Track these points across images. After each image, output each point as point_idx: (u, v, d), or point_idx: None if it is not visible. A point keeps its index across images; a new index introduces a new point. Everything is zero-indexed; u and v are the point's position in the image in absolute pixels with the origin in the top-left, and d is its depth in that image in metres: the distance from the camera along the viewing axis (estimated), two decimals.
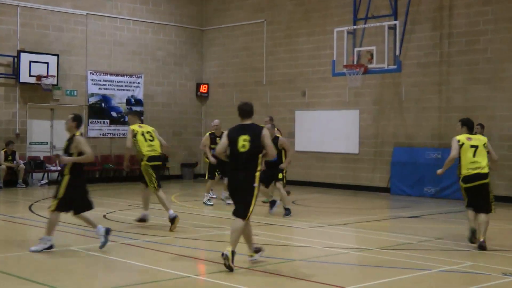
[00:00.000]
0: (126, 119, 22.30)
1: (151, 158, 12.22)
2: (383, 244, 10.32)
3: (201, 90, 24.23)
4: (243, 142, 8.32)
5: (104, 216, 13.15)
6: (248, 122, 8.53)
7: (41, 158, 20.36)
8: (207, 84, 24.26)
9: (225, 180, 13.94)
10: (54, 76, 20.07)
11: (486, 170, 9.97)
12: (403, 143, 18.98)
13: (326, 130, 20.62)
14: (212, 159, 14.64)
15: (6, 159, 19.00)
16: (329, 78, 20.03)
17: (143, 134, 12.05)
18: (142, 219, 12.18)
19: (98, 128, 21.56)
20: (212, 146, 14.78)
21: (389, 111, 19.34)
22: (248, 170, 8.29)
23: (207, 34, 24.44)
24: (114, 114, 22.00)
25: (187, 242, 10.32)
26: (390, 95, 19.30)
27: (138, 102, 22.69)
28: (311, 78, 21.16)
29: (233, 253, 8.15)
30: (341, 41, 17.78)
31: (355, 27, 18.29)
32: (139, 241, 10.32)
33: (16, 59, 19.61)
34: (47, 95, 20.45)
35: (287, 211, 13.37)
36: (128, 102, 22.46)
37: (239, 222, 8.31)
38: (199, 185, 21.22)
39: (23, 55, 19.61)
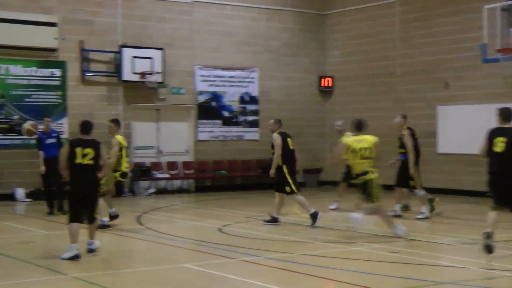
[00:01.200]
0: (240, 119, 22.65)
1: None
2: None
3: (323, 84, 24.19)
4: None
5: (220, 229, 13.38)
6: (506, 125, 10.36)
7: (147, 165, 21.03)
8: (331, 76, 24.18)
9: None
10: (159, 73, 20.65)
11: None
12: None
13: (475, 128, 19.95)
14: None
15: None
16: (479, 65, 19.44)
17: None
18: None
19: (209, 130, 22.00)
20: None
21: None
22: None
23: (328, 19, 24.38)
24: (225, 114, 22.39)
25: (314, 259, 10.32)
26: None
27: (253, 100, 22.97)
28: (455, 66, 20.61)
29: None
30: (492, 20, 17.21)
31: (510, 2, 17.62)
32: (260, 257, 10.43)
33: (118, 55, 20.37)
34: (152, 94, 21.10)
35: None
36: (242, 100, 22.77)
37: None
38: (324, 193, 21.16)
39: (125, 50, 20.34)
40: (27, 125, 10.85)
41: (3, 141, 18.80)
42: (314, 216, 13.63)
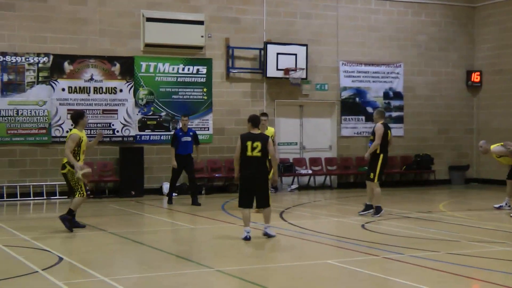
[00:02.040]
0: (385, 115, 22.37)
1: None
2: None
3: (472, 79, 23.49)
4: None
5: (363, 226, 13.31)
6: None
7: (291, 161, 21.24)
8: (480, 71, 23.43)
9: None
10: (303, 69, 20.79)
11: None
12: None
13: None
14: None
15: None
16: None
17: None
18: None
19: (352, 126, 21.91)
20: None
21: None
22: None
23: (479, 12, 23.62)
24: (369, 109, 22.21)
25: (460, 259, 10.05)
26: None
27: (397, 95, 22.67)
28: None
29: None
30: None
31: None
32: (404, 255, 10.28)
33: (262, 51, 20.67)
34: (295, 90, 21.26)
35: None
36: (386, 95, 22.54)
37: None
38: (471, 191, 20.58)
39: (270, 47, 20.61)
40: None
41: (152, 137, 19.58)
42: (378, 210, 14.51)
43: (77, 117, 12.73)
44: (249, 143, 11.42)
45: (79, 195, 12.45)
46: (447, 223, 13.68)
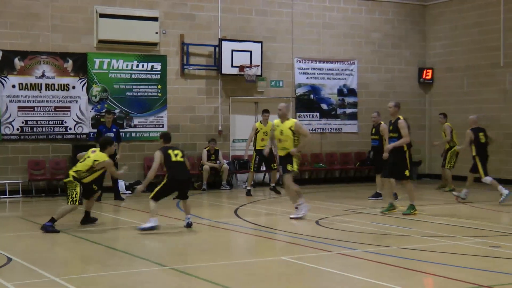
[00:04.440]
0: (338, 112, 22.55)
1: None
2: None
3: (424, 76, 23.75)
4: None
5: (317, 222, 13.34)
6: None
7: (246, 158, 21.15)
8: (432, 68, 23.70)
9: None
10: (258, 66, 20.78)
11: None
12: None
13: None
14: None
15: (209, 159, 20.01)
16: None
17: None
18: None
19: (307, 123, 21.93)
20: None
21: None
22: None
23: (430, 10, 23.89)
24: (324, 106, 22.31)
25: (413, 253, 10.14)
26: None
27: (352, 92, 22.80)
28: None
29: None
30: None
31: None
32: (357, 251, 10.33)
33: (217, 48, 20.59)
34: (251, 87, 21.24)
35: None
36: (341, 92, 22.64)
37: None
38: (424, 186, 20.81)
39: (225, 44, 20.54)
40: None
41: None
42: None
43: (106, 143, 12.94)
44: (170, 152, 12.58)
45: (71, 203, 12.41)
46: (400, 218, 13.80)
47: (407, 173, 14.13)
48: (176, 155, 12.57)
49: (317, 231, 12.31)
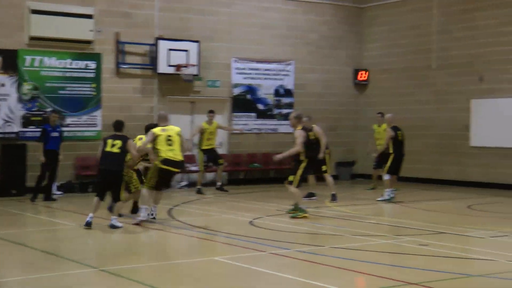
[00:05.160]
0: (275, 112, 22.66)
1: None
2: None
3: (359, 78, 24.08)
4: None
5: (251, 222, 13.40)
6: None
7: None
8: (367, 70, 24.05)
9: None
10: (194, 65, 20.72)
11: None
12: None
13: (510, 121, 19.90)
14: None
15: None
16: None
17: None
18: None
19: (244, 123, 22.01)
20: None
21: None
22: None
23: (367, 12, 24.23)
24: (261, 106, 22.39)
25: (345, 252, 10.28)
26: None
27: (288, 93, 22.94)
28: (492, 60, 20.46)
29: None
30: None
31: None
32: (290, 250, 10.42)
33: (154, 47, 20.46)
34: (187, 86, 21.16)
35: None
36: (277, 92, 22.76)
37: None
38: (358, 186, 21.09)
39: (161, 43, 20.41)
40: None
41: (37, 134, 18.59)
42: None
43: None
44: (109, 141, 12.78)
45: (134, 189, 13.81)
46: (333, 218, 13.98)
47: (291, 178, 14.29)
48: (113, 146, 12.66)
49: (251, 231, 12.36)
